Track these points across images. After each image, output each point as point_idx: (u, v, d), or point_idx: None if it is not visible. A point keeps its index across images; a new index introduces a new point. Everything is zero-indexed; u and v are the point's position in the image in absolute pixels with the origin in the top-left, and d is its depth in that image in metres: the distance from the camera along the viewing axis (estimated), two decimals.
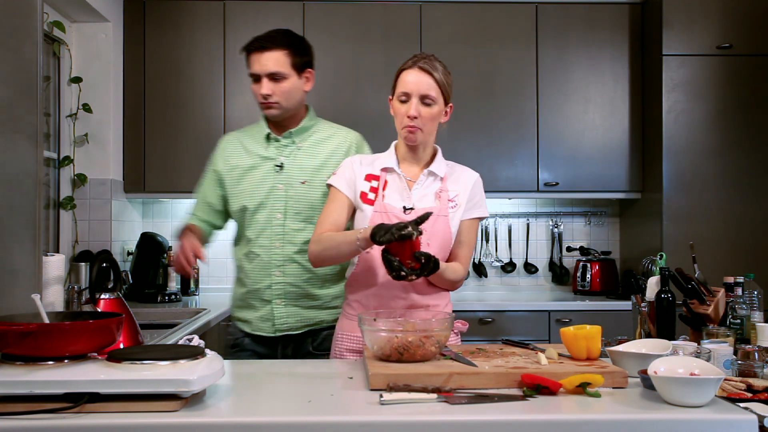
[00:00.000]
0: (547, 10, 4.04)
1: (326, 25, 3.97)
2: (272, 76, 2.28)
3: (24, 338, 1.40)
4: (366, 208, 2.07)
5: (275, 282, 2.33)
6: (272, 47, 2.27)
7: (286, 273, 2.33)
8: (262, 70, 2.28)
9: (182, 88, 3.95)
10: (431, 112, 2.03)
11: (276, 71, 2.27)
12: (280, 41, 2.29)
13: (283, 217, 2.32)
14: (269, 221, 2.33)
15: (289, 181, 2.33)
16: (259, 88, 2.30)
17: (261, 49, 2.28)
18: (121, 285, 2.17)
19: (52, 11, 3.52)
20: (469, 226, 2.12)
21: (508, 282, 4.40)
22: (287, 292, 2.34)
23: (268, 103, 2.31)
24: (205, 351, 1.54)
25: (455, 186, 2.12)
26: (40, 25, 1.83)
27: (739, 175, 3.77)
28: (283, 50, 2.28)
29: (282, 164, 2.34)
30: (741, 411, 1.42)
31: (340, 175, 2.14)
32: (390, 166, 2.10)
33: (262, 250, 2.34)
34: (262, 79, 2.29)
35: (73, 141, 3.73)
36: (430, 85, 2.01)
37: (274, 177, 2.34)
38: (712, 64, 3.78)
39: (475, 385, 1.58)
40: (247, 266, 2.38)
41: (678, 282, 2.26)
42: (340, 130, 2.44)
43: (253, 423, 1.36)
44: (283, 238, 2.32)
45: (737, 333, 2.09)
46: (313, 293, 2.36)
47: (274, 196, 2.33)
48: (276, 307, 2.34)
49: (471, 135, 3.99)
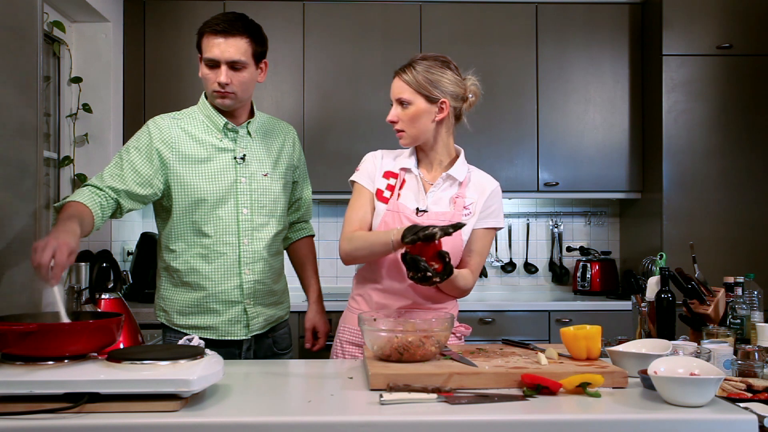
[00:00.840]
0: (547, 10, 4.04)
1: (326, 25, 3.97)
2: (232, 65, 2.13)
3: (24, 338, 1.40)
4: (379, 206, 2.08)
5: (245, 281, 2.20)
6: (235, 33, 2.12)
7: (254, 271, 2.22)
8: (223, 56, 2.12)
9: (182, 88, 3.95)
10: (407, 113, 2.05)
11: (237, 59, 2.13)
12: (243, 28, 2.15)
13: (249, 211, 2.20)
14: (234, 216, 2.18)
15: (252, 173, 2.22)
16: (215, 75, 2.14)
17: (224, 33, 2.12)
18: (121, 285, 2.16)
19: (52, 11, 3.52)
20: (483, 235, 2.10)
21: (508, 282, 4.40)
22: (256, 291, 2.23)
23: (224, 93, 2.15)
24: (205, 351, 1.54)
25: (472, 193, 2.11)
26: (40, 25, 1.82)
27: (739, 175, 3.77)
28: (245, 38, 2.14)
29: (244, 156, 2.22)
30: (741, 411, 1.42)
31: (363, 170, 2.14)
32: (409, 166, 2.11)
33: (228, 248, 2.18)
34: (221, 66, 2.13)
35: (73, 141, 3.73)
36: (403, 88, 2.05)
37: (236, 169, 2.20)
38: (712, 64, 3.78)
39: (475, 385, 1.58)
40: (204, 267, 2.18)
41: (678, 282, 2.26)
42: (280, 122, 2.40)
43: (253, 423, 1.36)
44: (251, 234, 2.21)
45: (737, 333, 2.09)
46: (273, 289, 2.29)
47: (238, 189, 2.19)
48: (248, 307, 2.22)
49: (471, 135, 3.97)
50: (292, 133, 2.41)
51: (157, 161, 2.16)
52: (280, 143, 2.33)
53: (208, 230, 2.18)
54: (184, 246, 2.20)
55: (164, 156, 2.16)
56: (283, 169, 2.31)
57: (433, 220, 2.03)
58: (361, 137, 3.89)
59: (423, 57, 2.07)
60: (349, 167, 2.23)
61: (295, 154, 2.39)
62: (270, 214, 2.26)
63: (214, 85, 2.15)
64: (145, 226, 4.25)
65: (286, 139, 2.36)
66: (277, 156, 2.30)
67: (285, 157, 2.32)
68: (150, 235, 3.95)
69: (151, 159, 2.15)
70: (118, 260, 3.82)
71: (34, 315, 1.63)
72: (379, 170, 2.12)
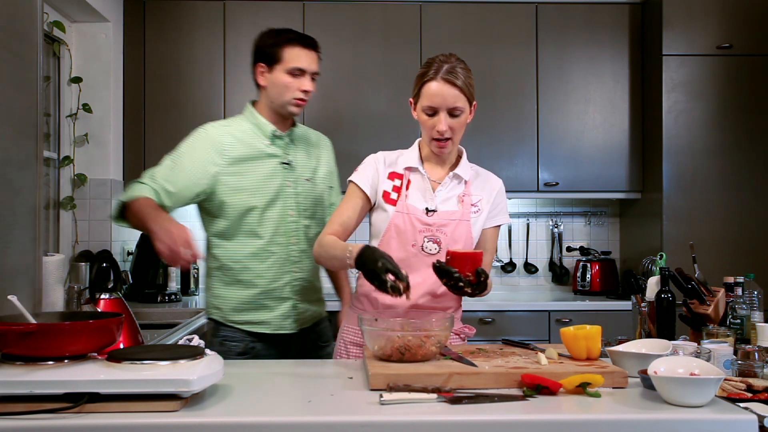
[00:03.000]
0: (547, 10, 4.04)
1: (326, 25, 3.97)
2: (313, 76, 2.32)
3: (24, 338, 1.40)
4: (389, 209, 2.05)
5: (294, 278, 2.33)
6: (316, 48, 2.33)
7: (302, 269, 2.35)
8: (310, 67, 2.30)
9: (182, 88, 3.95)
10: (460, 122, 2.01)
11: (317, 72, 2.33)
12: (317, 44, 2.36)
13: (295, 214, 2.33)
14: (283, 218, 2.31)
15: (296, 178, 2.35)
16: (299, 83, 2.29)
17: (312, 47, 2.31)
18: (121, 285, 2.16)
19: (52, 11, 3.52)
20: (492, 234, 2.13)
21: (508, 282, 4.40)
22: (303, 288, 2.36)
23: (304, 101, 2.32)
24: (205, 351, 1.54)
25: (479, 191, 2.10)
26: (40, 25, 1.82)
27: (739, 175, 3.77)
28: (318, 53, 2.35)
29: (290, 162, 2.34)
30: (741, 411, 1.42)
31: (363, 172, 2.10)
32: (414, 165, 2.08)
33: (279, 248, 2.31)
34: (306, 75, 2.29)
35: (73, 141, 3.73)
36: (457, 96, 1.97)
37: (283, 174, 2.33)
38: (712, 64, 3.78)
39: (475, 385, 1.58)
40: (257, 266, 2.30)
41: (678, 282, 2.26)
42: (315, 132, 2.53)
43: (253, 423, 1.36)
44: (297, 234, 2.33)
45: (737, 333, 2.09)
46: (316, 286, 2.43)
47: (285, 193, 2.32)
48: (297, 303, 2.34)
49: (471, 135, 3.94)
50: (328, 142, 2.54)
51: (209, 166, 2.25)
52: (318, 150, 2.46)
53: (261, 231, 2.29)
54: (237, 246, 2.31)
55: (216, 161, 2.26)
56: (322, 175, 2.44)
57: (443, 219, 2.03)
58: (361, 137, 3.88)
59: (451, 59, 2.01)
60: (349, 167, 2.23)
61: (331, 162, 2.52)
62: (312, 216, 2.38)
63: (297, 92, 2.28)
64: None
65: (323, 147, 2.49)
66: (317, 162, 2.43)
67: (323, 164, 2.46)
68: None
69: (203, 164, 2.25)
70: (118, 260, 3.82)
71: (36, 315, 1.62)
72: (383, 174, 2.09)
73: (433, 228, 2.01)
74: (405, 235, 2.01)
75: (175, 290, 3.88)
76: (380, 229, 2.06)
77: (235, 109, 3.94)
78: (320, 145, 2.49)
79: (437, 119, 1.99)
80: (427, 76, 1.99)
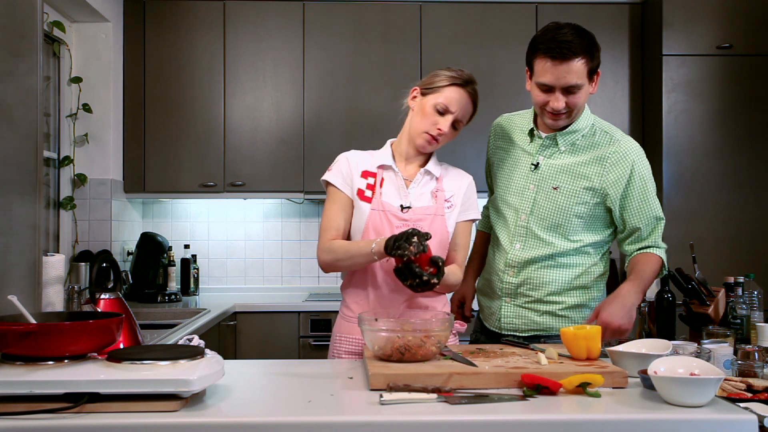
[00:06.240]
0: (547, 10, 4.03)
1: (326, 25, 3.97)
2: (568, 89, 2.01)
3: (24, 338, 1.40)
4: (363, 206, 2.07)
5: (505, 281, 2.16)
6: (572, 56, 1.98)
7: (518, 276, 2.14)
8: (558, 82, 2.00)
9: (182, 88, 3.95)
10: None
11: (575, 83, 2.00)
12: (581, 47, 2.00)
13: (527, 218, 2.13)
14: (513, 218, 2.16)
15: (540, 183, 2.14)
16: (551, 99, 2.04)
17: (562, 57, 1.98)
18: (121, 285, 2.16)
19: (52, 11, 3.52)
20: (464, 228, 2.14)
21: None
22: (517, 293, 2.16)
23: (559, 115, 2.07)
24: (205, 351, 1.54)
25: (450, 187, 2.13)
26: (40, 25, 1.82)
27: (739, 175, 3.76)
28: (583, 58, 2.00)
29: (538, 163, 2.15)
30: (741, 411, 1.42)
31: (336, 171, 2.13)
32: (387, 163, 2.11)
33: (502, 245, 2.18)
34: (556, 91, 2.02)
35: (73, 141, 3.73)
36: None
37: (528, 174, 2.16)
38: (712, 64, 3.78)
39: (475, 385, 1.58)
40: (490, 253, 2.26)
41: (678, 282, 2.26)
42: (620, 141, 2.11)
43: (253, 423, 1.36)
44: (524, 241, 2.13)
45: (737, 333, 2.09)
46: (545, 299, 2.14)
47: (525, 195, 2.15)
48: (504, 305, 2.18)
49: (471, 135, 3.96)
50: (631, 156, 2.09)
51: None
52: (598, 161, 2.10)
53: (496, 225, 2.23)
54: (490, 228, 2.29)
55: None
56: (581, 188, 2.09)
57: (418, 215, 2.05)
58: (361, 137, 3.88)
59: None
60: None
61: (610, 179, 2.08)
62: (550, 228, 2.11)
63: (547, 109, 2.08)
64: (145, 226, 4.25)
65: (609, 161, 2.09)
66: (581, 173, 2.10)
67: (594, 177, 2.09)
68: (150, 235, 3.95)
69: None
70: (118, 260, 3.82)
71: (36, 315, 1.62)
72: (356, 171, 2.11)
73: (410, 223, 2.03)
74: (383, 232, 2.03)
75: (175, 290, 3.88)
76: (358, 228, 2.07)
77: (235, 108, 3.94)
78: (610, 157, 2.11)
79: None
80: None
